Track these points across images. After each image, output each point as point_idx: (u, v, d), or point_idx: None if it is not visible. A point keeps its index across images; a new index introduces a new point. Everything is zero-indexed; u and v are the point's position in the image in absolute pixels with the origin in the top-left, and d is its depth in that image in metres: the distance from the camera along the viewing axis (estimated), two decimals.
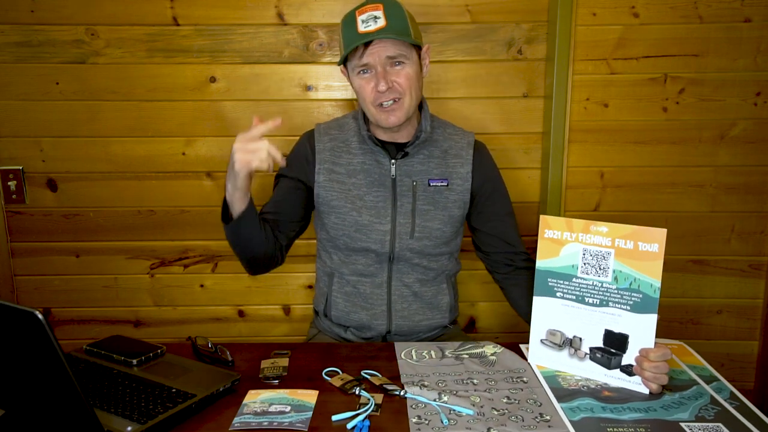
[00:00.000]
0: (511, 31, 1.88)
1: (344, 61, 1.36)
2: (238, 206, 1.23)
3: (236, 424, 0.99)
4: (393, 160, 1.40)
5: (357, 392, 1.08)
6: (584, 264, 1.13)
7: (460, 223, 1.47)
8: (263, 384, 1.13)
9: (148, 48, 1.87)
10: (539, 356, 1.20)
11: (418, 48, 1.34)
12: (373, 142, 1.40)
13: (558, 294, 1.17)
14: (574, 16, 1.82)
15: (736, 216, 1.98)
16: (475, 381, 1.13)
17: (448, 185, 1.42)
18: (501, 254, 1.46)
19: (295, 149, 1.48)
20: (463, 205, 1.44)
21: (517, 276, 1.44)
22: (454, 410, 1.03)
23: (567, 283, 1.15)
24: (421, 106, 1.43)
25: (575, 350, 1.16)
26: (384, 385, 1.10)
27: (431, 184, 1.41)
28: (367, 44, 1.29)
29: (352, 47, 1.28)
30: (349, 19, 1.31)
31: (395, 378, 1.14)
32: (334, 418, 1.00)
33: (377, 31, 1.26)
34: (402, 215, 1.40)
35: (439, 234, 1.42)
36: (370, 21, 1.27)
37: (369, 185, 1.40)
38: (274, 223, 1.39)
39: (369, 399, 1.06)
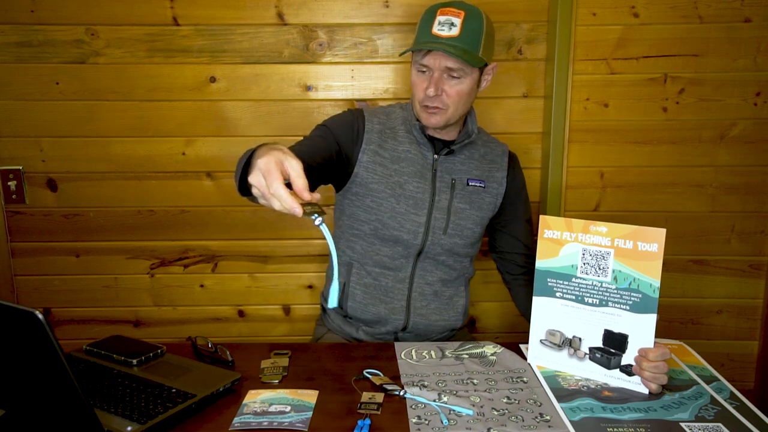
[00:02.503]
0: (511, 31, 1.88)
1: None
2: None
3: (236, 424, 0.99)
4: (436, 155, 1.41)
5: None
6: (584, 264, 1.13)
7: (486, 224, 1.50)
8: (263, 384, 1.13)
9: (148, 48, 1.87)
10: (539, 356, 1.20)
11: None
12: (422, 133, 1.40)
13: (557, 294, 1.17)
14: (574, 16, 1.82)
15: (736, 216, 1.99)
16: (475, 381, 1.13)
17: (485, 187, 1.45)
18: (517, 255, 1.50)
19: (347, 116, 1.44)
20: (494, 209, 1.47)
21: (527, 278, 1.47)
22: (453, 410, 1.03)
23: (566, 283, 1.15)
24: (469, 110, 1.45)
25: (575, 350, 1.16)
26: (384, 385, 1.10)
27: (470, 183, 1.44)
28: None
29: (417, 48, 1.30)
30: (431, 13, 1.32)
31: (395, 378, 1.14)
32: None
33: (447, 39, 1.28)
34: (438, 210, 1.41)
35: (470, 233, 1.44)
36: (446, 26, 1.29)
37: (411, 174, 1.40)
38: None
39: (370, 396, 1.06)
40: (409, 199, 1.40)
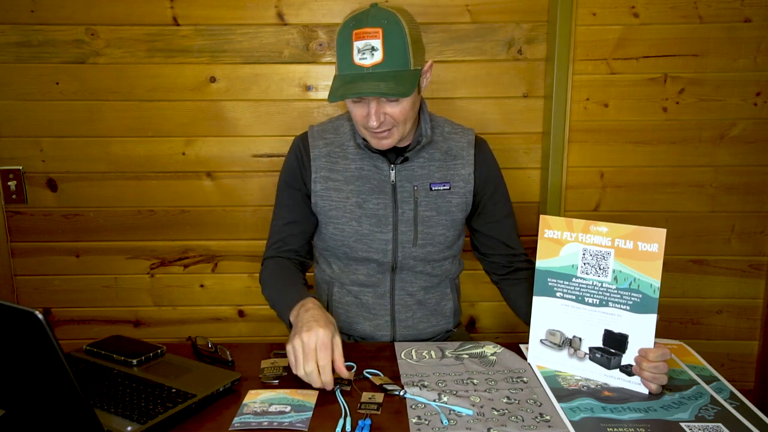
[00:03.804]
0: (511, 31, 1.88)
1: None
2: None
3: (236, 424, 0.99)
4: (392, 165, 1.34)
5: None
6: (584, 264, 1.13)
7: (462, 225, 1.43)
8: (263, 384, 1.13)
9: (148, 48, 1.87)
10: (539, 356, 1.20)
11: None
12: (369, 150, 1.33)
13: (558, 294, 1.17)
14: (574, 16, 1.82)
15: (736, 216, 1.99)
16: (475, 381, 1.13)
17: (450, 188, 1.37)
18: (500, 256, 1.45)
19: (290, 157, 1.41)
20: (465, 208, 1.40)
21: (515, 277, 1.43)
22: (453, 410, 1.03)
23: (567, 283, 1.15)
24: (420, 108, 1.36)
25: (575, 350, 1.16)
26: (384, 385, 1.10)
27: (433, 188, 1.36)
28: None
29: (344, 97, 1.18)
30: (346, 38, 1.19)
31: (395, 378, 1.14)
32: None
33: (372, 68, 1.17)
34: (403, 223, 1.35)
35: (443, 239, 1.38)
36: (367, 53, 1.17)
37: (369, 192, 1.34)
38: (297, 238, 1.41)
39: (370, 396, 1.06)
40: (371, 218, 1.34)
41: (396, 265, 1.38)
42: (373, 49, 1.17)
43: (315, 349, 1.07)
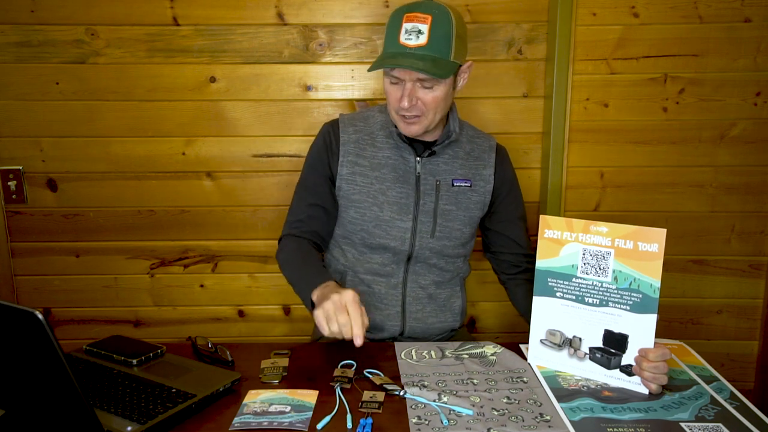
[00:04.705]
0: (511, 31, 1.88)
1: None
2: None
3: (236, 424, 0.99)
4: (418, 158, 1.39)
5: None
6: (584, 264, 1.13)
7: (477, 224, 1.47)
8: (263, 384, 1.13)
9: (148, 48, 1.87)
10: (539, 356, 1.20)
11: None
12: (401, 138, 1.38)
13: (558, 294, 1.17)
14: (574, 16, 1.82)
15: (736, 216, 1.99)
16: (475, 381, 1.13)
17: (471, 186, 1.42)
18: (510, 255, 1.47)
19: (319, 140, 1.44)
20: (483, 207, 1.44)
21: (523, 277, 1.45)
22: (453, 410, 1.03)
23: (567, 283, 1.15)
24: (450, 108, 1.41)
25: (575, 350, 1.16)
26: (384, 385, 1.10)
27: (455, 184, 1.41)
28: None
29: (383, 66, 1.25)
30: (397, 19, 1.26)
31: (395, 378, 1.14)
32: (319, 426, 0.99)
33: (415, 49, 1.23)
34: (424, 214, 1.39)
35: (459, 234, 1.42)
36: (413, 34, 1.23)
37: (393, 180, 1.38)
38: (317, 222, 1.41)
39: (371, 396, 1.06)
40: (393, 206, 1.38)
41: (412, 255, 1.40)
42: (419, 32, 1.24)
43: (345, 305, 1.09)
